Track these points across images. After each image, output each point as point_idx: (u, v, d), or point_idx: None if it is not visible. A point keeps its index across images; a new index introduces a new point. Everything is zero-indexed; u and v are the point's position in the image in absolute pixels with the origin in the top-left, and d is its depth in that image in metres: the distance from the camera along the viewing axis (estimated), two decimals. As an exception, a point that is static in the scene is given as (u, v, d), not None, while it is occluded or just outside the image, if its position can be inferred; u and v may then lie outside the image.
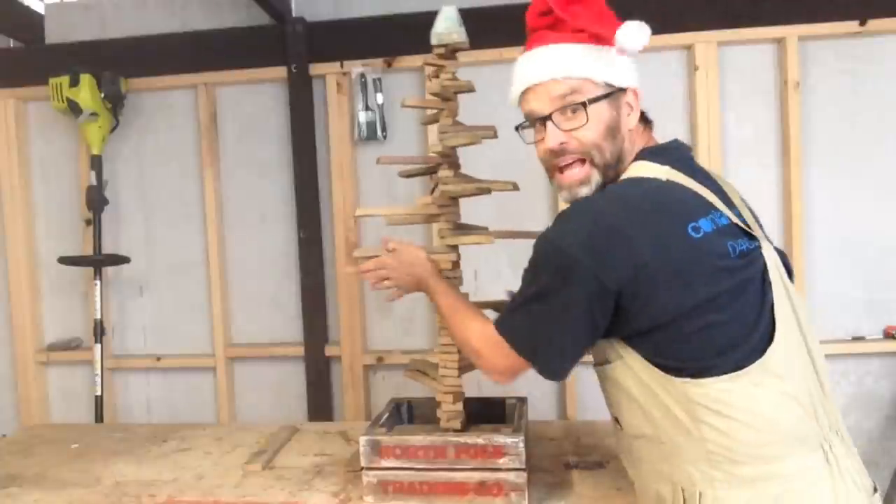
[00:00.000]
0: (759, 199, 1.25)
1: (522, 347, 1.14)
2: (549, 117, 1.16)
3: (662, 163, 1.11)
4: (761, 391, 1.02)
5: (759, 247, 1.09)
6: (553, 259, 1.07)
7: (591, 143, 1.14)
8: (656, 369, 1.06)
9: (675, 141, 1.20)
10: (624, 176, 1.15)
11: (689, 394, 1.04)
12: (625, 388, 1.12)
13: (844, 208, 2.51)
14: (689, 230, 1.03)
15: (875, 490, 1.11)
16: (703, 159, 2.43)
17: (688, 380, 1.04)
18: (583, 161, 1.16)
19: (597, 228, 1.04)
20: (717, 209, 1.07)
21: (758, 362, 1.02)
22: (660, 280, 1.02)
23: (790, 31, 2.44)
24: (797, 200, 2.46)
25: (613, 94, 1.15)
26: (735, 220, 1.08)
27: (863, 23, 2.41)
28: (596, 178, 1.16)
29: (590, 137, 1.14)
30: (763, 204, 1.27)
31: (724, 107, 2.51)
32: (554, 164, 1.19)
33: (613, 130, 1.15)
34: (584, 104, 1.13)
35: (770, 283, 1.07)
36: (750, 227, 1.11)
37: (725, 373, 1.02)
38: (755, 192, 1.26)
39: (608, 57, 1.14)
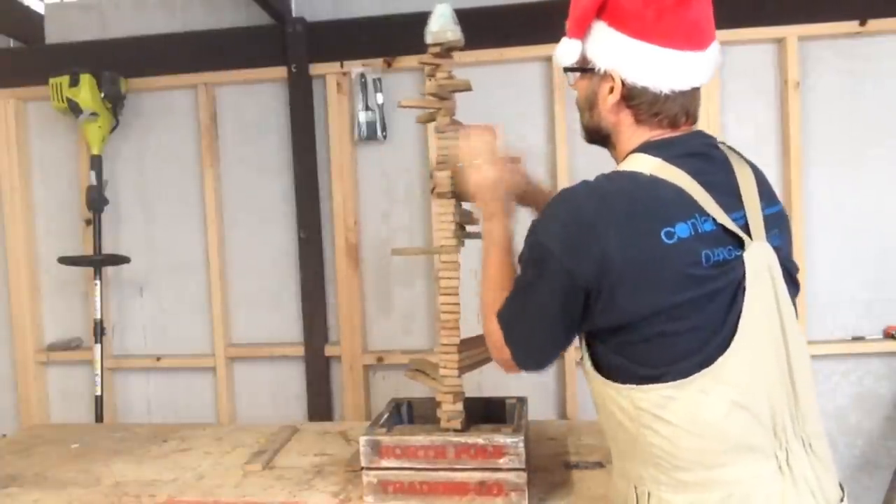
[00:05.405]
0: (758, 199, 1.25)
1: (509, 336, 1.17)
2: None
3: (656, 156, 1.09)
4: (709, 399, 1.01)
5: (742, 255, 1.05)
6: (533, 251, 1.10)
7: (578, 103, 1.23)
8: (608, 370, 1.08)
9: (692, 133, 1.16)
10: (619, 167, 1.15)
11: (634, 399, 1.05)
12: (593, 384, 1.13)
13: (844, 208, 2.51)
14: (662, 235, 1.01)
15: (842, 500, 1.09)
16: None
17: (633, 386, 1.04)
18: None
19: (572, 223, 1.05)
20: (703, 213, 1.04)
21: (707, 370, 1.01)
22: (622, 282, 1.01)
23: (790, 31, 2.44)
24: (797, 200, 2.46)
25: (588, 70, 1.18)
26: (728, 223, 1.05)
27: (863, 23, 2.42)
28: (583, 134, 1.25)
29: (578, 98, 1.23)
30: (763, 204, 1.26)
31: (724, 107, 2.51)
32: None
33: (591, 103, 1.20)
34: (566, 69, 1.21)
35: (744, 291, 1.03)
36: (749, 230, 1.07)
37: (673, 380, 1.02)
38: (755, 192, 1.25)
39: (602, 37, 1.14)
